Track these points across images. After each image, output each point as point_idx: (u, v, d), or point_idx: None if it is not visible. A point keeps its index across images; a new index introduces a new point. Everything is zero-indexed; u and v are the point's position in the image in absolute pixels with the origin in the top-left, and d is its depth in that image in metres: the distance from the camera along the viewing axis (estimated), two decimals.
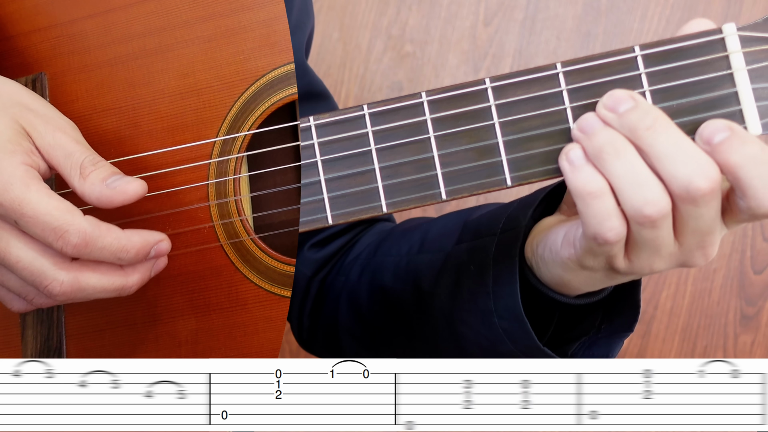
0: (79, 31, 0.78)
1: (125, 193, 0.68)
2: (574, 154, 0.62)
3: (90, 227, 0.66)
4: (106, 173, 0.68)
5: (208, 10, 0.75)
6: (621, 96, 0.61)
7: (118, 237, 0.67)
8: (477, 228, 0.80)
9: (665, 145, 0.59)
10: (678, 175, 0.59)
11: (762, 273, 1.55)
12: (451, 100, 0.65)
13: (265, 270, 0.74)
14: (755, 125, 0.61)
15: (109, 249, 0.67)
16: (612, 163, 0.60)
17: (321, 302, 0.99)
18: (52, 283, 0.67)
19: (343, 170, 0.67)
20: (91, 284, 0.68)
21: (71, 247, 0.65)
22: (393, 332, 0.91)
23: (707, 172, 0.58)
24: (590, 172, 0.61)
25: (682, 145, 0.59)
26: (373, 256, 0.94)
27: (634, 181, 0.60)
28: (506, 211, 0.77)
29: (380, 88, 1.61)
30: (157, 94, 0.76)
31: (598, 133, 0.61)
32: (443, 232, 0.86)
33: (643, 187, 0.60)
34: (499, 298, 0.74)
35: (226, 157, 0.74)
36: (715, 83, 0.61)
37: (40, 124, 0.69)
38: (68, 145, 0.69)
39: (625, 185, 0.60)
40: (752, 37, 0.61)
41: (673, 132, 0.60)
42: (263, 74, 0.74)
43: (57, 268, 0.67)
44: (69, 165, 0.68)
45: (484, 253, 0.76)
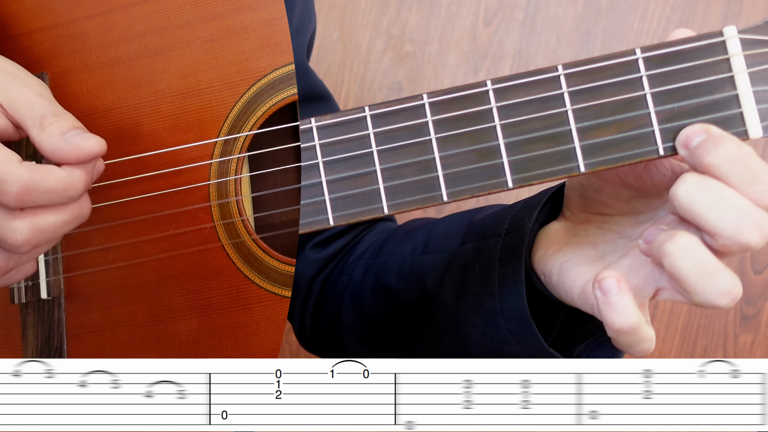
0: (81, 31, 0.78)
1: (80, 150, 0.64)
2: (608, 284, 0.61)
3: (28, 173, 0.62)
4: (66, 126, 0.65)
5: (210, 10, 0.75)
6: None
7: (60, 177, 0.64)
8: (482, 229, 0.80)
9: (706, 200, 0.58)
10: (726, 227, 0.58)
11: (762, 273, 1.56)
12: (452, 102, 0.65)
13: (266, 270, 0.74)
14: (756, 128, 0.61)
15: (54, 191, 0.63)
16: (678, 260, 0.59)
17: (323, 302, 0.99)
18: (11, 234, 0.64)
19: (344, 172, 0.67)
20: (51, 222, 0.65)
21: (12, 197, 0.62)
22: (397, 331, 0.91)
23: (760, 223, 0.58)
24: (622, 308, 0.60)
25: (723, 196, 0.58)
26: (377, 256, 0.94)
27: (702, 273, 0.58)
28: (510, 212, 0.77)
29: (380, 88, 1.61)
30: (158, 95, 0.76)
31: (657, 238, 0.60)
32: (447, 232, 0.86)
33: (714, 278, 0.58)
34: (505, 299, 0.74)
35: (227, 158, 0.74)
36: (715, 86, 0.61)
37: (4, 81, 0.66)
38: (31, 98, 0.66)
39: (693, 279, 0.59)
40: (753, 40, 0.61)
41: (711, 184, 0.59)
42: (265, 74, 0.74)
43: (10, 218, 0.63)
44: (30, 116, 0.65)
45: (489, 255, 0.76)
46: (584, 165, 0.63)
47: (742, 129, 0.61)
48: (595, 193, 0.70)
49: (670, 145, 0.62)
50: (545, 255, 0.72)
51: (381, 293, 0.91)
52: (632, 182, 0.68)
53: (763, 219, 0.57)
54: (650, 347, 0.61)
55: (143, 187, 0.76)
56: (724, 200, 0.57)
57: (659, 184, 0.67)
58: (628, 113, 0.63)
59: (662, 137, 0.62)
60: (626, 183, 0.68)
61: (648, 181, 0.67)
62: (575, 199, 0.72)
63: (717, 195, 0.58)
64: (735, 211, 0.57)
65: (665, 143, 0.62)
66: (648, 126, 0.62)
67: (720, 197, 0.57)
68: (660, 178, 0.66)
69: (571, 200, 0.73)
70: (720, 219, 0.57)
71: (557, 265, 0.70)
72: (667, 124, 0.62)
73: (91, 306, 0.78)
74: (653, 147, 0.62)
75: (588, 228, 0.71)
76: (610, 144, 0.63)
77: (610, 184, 0.69)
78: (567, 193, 0.73)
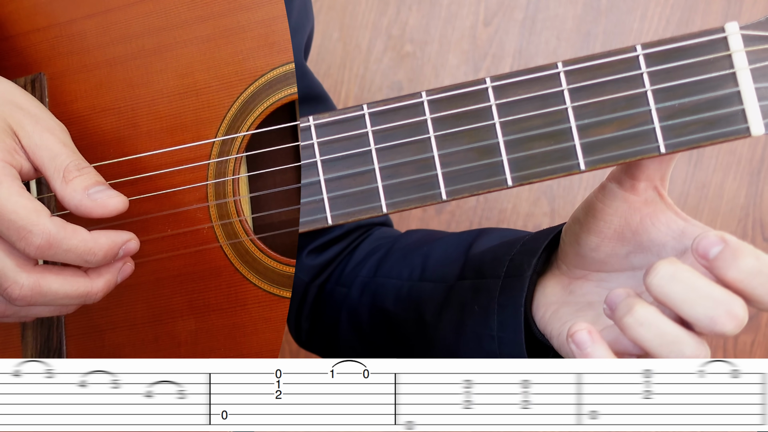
0: (78, 31, 0.78)
1: (104, 207, 0.66)
2: (579, 337, 0.62)
3: (55, 229, 0.64)
4: (90, 181, 0.67)
5: (207, 10, 0.75)
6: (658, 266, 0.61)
7: (84, 239, 0.65)
8: (480, 266, 0.81)
9: (678, 292, 0.59)
10: (700, 317, 0.59)
11: None
12: (451, 100, 0.65)
13: (264, 270, 0.74)
14: (758, 125, 0.60)
15: (75, 251, 0.65)
16: (636, 331, 0.60)
17: (319, 307, 0.99)
18: (11, 286, 0.65)
19: (342, 170, 0.67)
20: (53, 289, 0.66)
21: (34, 249, 0.64)
22: (394, 351, 0.91)
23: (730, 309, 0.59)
24: (599, 356, 0.61)
25: (697, 287, 0.59)
26: (374, 275, 0.94)
27: (663, 343, 0.60)
28: (509, 252, 0.77)
29: (380, 88, 1.61)
30: (156, 95, 0.76)
31: (618, 306, 0.61)
32: (444, 259, 0.86)
33: (678, 345, 0.60)
34: (504, 344, 0.75)
35: (225, 158, 0.74)
36: (717, 83, 0.61)
37: (29, 124, 0.68)
38: (54, 147, 0.67)
39: (656, 348, 0.60)
40: (755, 36, 0.61)
41: (684, 276, 0.59)
42: (262, 74, 0.73)
43: (19, 270, 0.65)
44: (53, 167, 0.67)
45: (488, 297, 0.76)
46: (584, 163, 0.63)
47: (743, 126, 0.61)
48: (592, 252, 0.70)
49: (671, 143, 0.62)
50: (544, 317, 0.72)
51: (379, 315, 0.91)
52: (629, 237, 0.68)
53: (736, 307, 0.58)
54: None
55: (141, 188, 0.76)
56: (696, 291, 0.58)
57: (656, 240, 0.67)
58: (629, 110, 0.62)
59: (663, 134, 0.62)
60: (624, 239, 0.68)
61: (644, 236, 0.67)
62: (571, 255, 0.72)
63: (690, 287, 0.59)
64: (708, 301, 0.58)
65: (666, 140, 0.62)
66: (649, 123, 0.62)
67: (693, 289, 0.58)
68: (656, 234, 0.67)
69: (567, 256, 0.72)
70: (694, 310, 0.58)
71: (556, 329, 0.71)
72: (668, 122, 0.62)
73: (89, 307, 0.78)
74: (654, 144, 0.62)
75: (584, 286, 0.72)
76: (611, 141, 0.63)
77: (607, 241, 0.68)
78: (563, 247, 0.73)
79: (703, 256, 0.59)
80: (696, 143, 0.61)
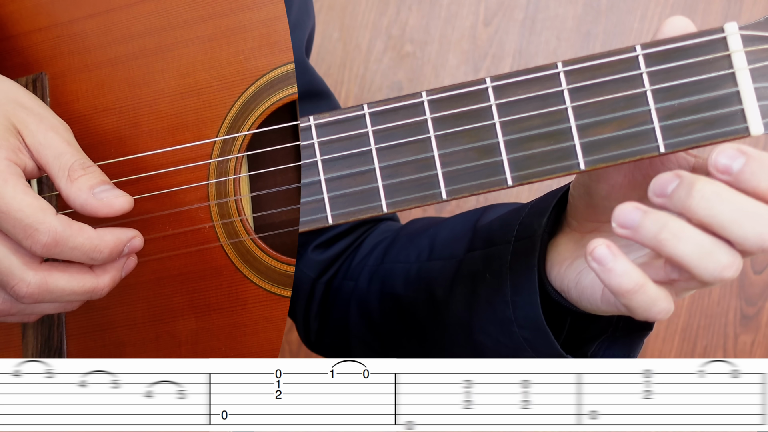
0: (80, 31, 0.78)
1: (110, 207, 0.67)
2: (600, 252, 0.59)
3: (61, 227, 0.64)
4: (95, 180, 0.67)
5: (208, 10, 0.75)
6: (666, 178, 0.59)
7: (90, 237, 0.66)
8: (489, 235, 0.80)
9: (726, 212, 0.57)
10: (749, 236, 0.57)
11: (762, 273, 1.55)
12: (451, 100, 0.65)
13: (265, 270, 0.74)
14: (757, 125, 0.61)
15: (81, 249, 0.65)
16: (675, 246, 0.58)
17: (327, 305, 0.99)
18: (18, 284, 0.65)
19: (343, 170, 0.67)
20: (60, 286, 0.67)
21: (40, 246, 0.64)
22: (406, 339, 0.91)
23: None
24: (622, 270, 0.59)
25: (743, 206, 0.57)
26: (381, 262, 0.93)
27: (702, 254, 0.58)
28: (518, 216, 0.77)
29: (380, 88, 1.61)
30: (157, 94, 0.76)
31: (643, 223, 0.59)
32: (452, 237, 0.86)
33: (714, 255, 0.58)
34: (519, 308, 0.74)
35: (226, 157, 0.74)
36: (716, 83, 0.61)
37: (33, 123, 0.68)
38: (59, 146, 0.67)
39: (695, 261, 0.58)
40: (754, 36, 0.61)
41: (727, 195, 0.58)
42: (263, 74, 0.74)
43: (26, 268, 0.66)
44: (58, 166, 0.67)
45: (500, 262, 0.76)
46: (584, 162, 0.63)
47: (743, 126, 0.61)
48: (603, 200, 0.69)
49: (671, 143, 0.62)
50: (559, 273, 0.72)
51: (389, 301, 0.91)
52: (640, 181, 0.67)
53: None
54: (667, 306, 0.60)
55: (142, 187, 0.76)
56: (742, 209, 0.57)
57: None
58: (629, 110, 0.62)
59: (663, 134, 0.62)
60: (635, 183, 0.68)
61: None
62: (582, 208, 0.72)
63: (735, 205, 0.57)
64: (755, 218, 0.57)
65: (666, 140, 0.62)
66: (648, 123, 0.62)
67: (738, 207, 0.57)
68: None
69: (577, 210, 0.72)
70: (743, 229, 0.57)
71: (572, 279, 0.70)
72: (667, 121, 0.62)
73: (90, 306, 0.78)
74: (654, 144, 0.62)
75: (597, 237, 0.71)
76: (611, 141, 0.63)
77: (618, 188, 0.68)
78: (572, 202, 0.73)
79: (725, 171, 0.57)
80: (695, 143, 0.62)
